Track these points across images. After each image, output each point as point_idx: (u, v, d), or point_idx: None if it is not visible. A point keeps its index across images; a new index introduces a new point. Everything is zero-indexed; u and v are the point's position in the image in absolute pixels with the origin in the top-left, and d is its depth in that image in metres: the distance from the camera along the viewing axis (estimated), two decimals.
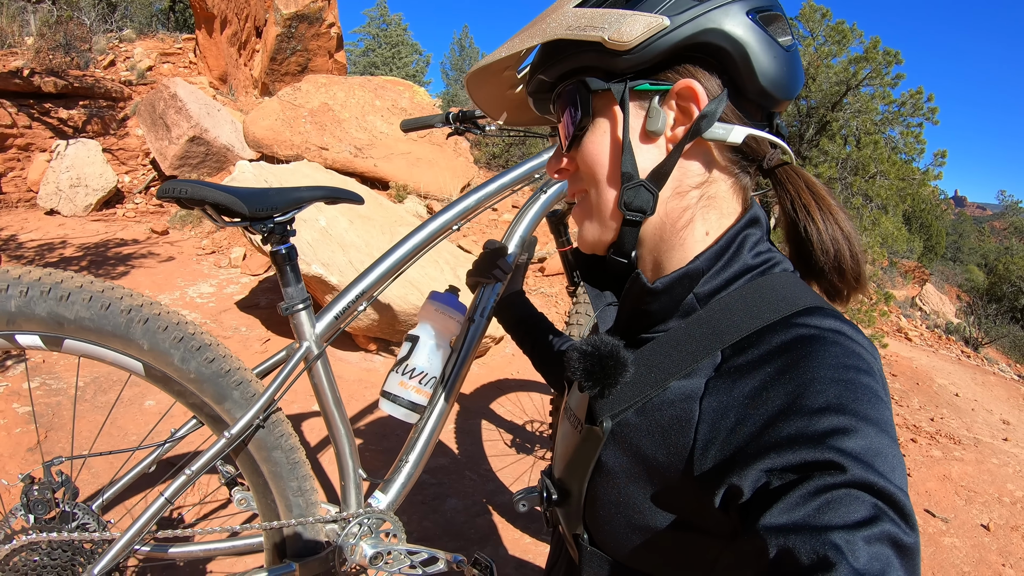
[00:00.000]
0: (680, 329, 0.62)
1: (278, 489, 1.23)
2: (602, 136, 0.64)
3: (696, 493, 0.54)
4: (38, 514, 1.10)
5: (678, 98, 0.61)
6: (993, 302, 13.40)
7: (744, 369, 0.55)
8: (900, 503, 0.42)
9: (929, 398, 5.26)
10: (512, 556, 2.15)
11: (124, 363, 1.04)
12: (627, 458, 0.62)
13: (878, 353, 0.56)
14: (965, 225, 36.00)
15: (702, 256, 0.62)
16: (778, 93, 0.63)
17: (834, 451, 0.44)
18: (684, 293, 0.62)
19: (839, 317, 0.56)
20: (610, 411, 0.64)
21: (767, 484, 0.46)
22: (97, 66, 7.44)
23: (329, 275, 3.08)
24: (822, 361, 0.51)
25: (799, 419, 0.48)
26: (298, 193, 1.18)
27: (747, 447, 0.50)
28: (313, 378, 1.27)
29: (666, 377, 0.60)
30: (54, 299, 0.95)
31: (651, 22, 0.58)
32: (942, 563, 2.67)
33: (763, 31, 0.61)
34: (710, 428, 0.54)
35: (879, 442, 0.46)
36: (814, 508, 0.42)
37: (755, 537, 0.43)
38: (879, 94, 6.65)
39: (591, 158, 0.65)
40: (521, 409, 3.13)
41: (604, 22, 0.59)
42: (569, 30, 0.61)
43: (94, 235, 5.07)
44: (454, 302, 1.41)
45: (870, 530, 0.40)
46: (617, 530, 0.64)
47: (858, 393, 0.48)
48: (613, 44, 0.59)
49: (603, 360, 0.61)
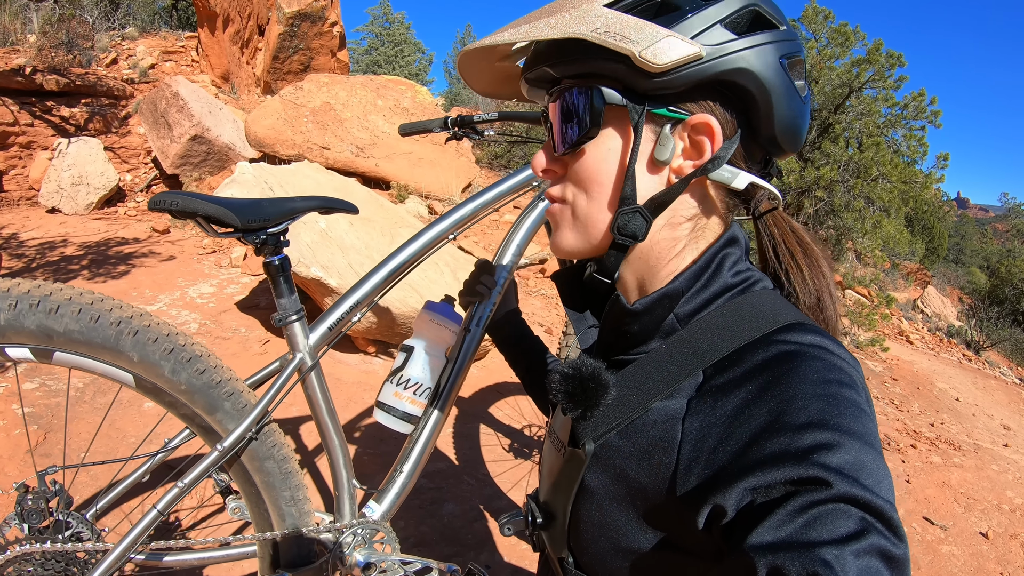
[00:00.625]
0: (661, 350, 0.62)
1: (271, 499, 1.23)
2: (607, 153, 0.62)
3: (680, 514, 0.54)
4: (32, 523, 1.10)
5: (691, 130, 0.60)
6: (995, 305, 13.37)
7: (726, 388, 0.55)
8: (887, 515, 0.42)
9: (930, 403, 5.25)
10: (509, 563, 2.14)
11: (114, 375, 1.03)
12: (610, 480, 0.62)
13: (860, 366, 0.56)
14: (967, 227, 35.92)
15: (681, 276, 0.62)
16: (787, 145, 0.63)
17: (819, 467, 0.44)
18: (664, 314, 0.62)
19: (820, 332, 0.57)
20: (593, 433, 0.64)
21: (752, 502, 0.46)
22: (99, 64, 7.44)
23: (328, 278, 3.07)
24: (804, 377, 0.51)
25: (782, 436, 0.48)
26: (291, 204, 1.17)
27: (730, 466, 0.50)
28: (307, 389, 1.27)
29: (648, 398, 0.60)
30: (43, 312, 0.95)
31: (687, 50, 0.55)
32: (940, 571, 2.67)
33: (788, 79, 0.60)
34: (693, 448, 0.54)
35: (864, 456, 0.46)
36: (801, 524, 0.42)
37: (743, 556, 0.43)
38: (882, 96, 6.63)
39: (590, 173, 0.63)
40: (519, 413, 3.13)
41: (638, 35, 0.56)
42: (596, 33, 0.56)
43: (95, 233, 5.07)
44: (450, 312, 1.41)
45: (859, 544, 0.40)
46: (601, 552, 0.64)
47: (841, 407, 0.48)
48: (643, 63, 0.56)
49: (585, 383, 0.61)
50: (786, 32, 0.61)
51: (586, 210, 0.64)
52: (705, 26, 0.57)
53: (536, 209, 1.49)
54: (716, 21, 0.57)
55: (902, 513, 3.08)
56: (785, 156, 0.65)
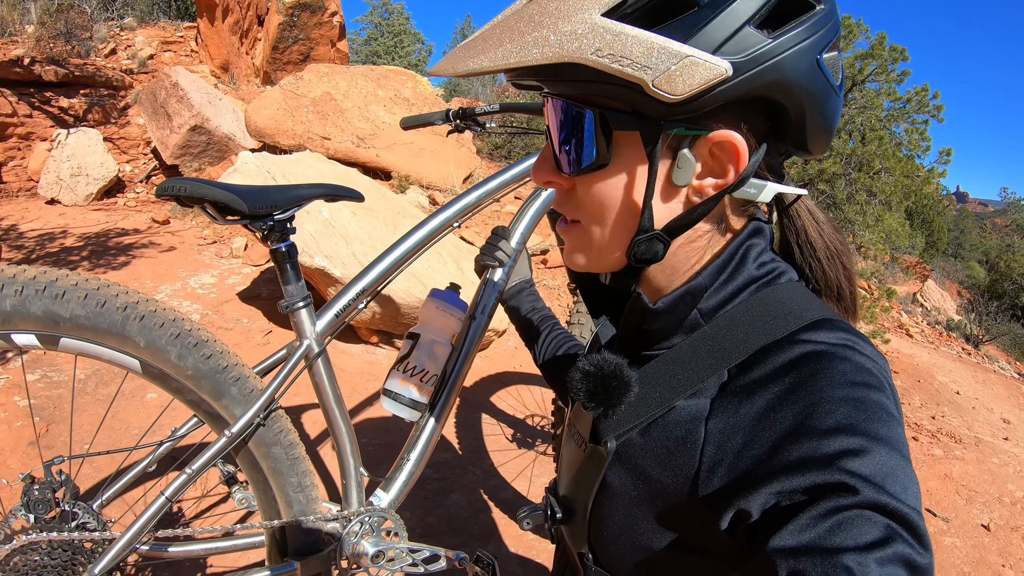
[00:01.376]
0: (685, 346, 0.60)
1: (278, 485, 1.22)
2: (618, 181, 0.55)
3: (701, 515, 0.53)
4: (38, 514, 1.10)
5: (713, 147, 0.53)
6: (994, 299, 13.37)
7: (750, 389, 0.53)
8: (913, 524, 0.41)
9: (930, 396, 5.25)
10: (515, 553, 2.14)
11: (121, 361, 1.02)
12: (632, 479, 0.61)
13: (888, 364, 0.54)
14: (967, 222, 35.90)
15: (704, 272, 0.59)
16: (816, 148, 0.57)
17: (845, 473, 0.43)
18: (687, 311, 0.60)
19: (847, 329, 0.54)
20: (614, 431, 0.62)
21: (776, 505, 0.45)
22: (98, 55, 7.39)
23: (332, 267, 3.06)
24: (830, 379, 0.49)
25: (808, 441, 0.46)
26: (298, 191, 1.16)
27: (755, 470, 0.49)
28: (314, 376, 1.26)
29: (671, 397, 0.58)
30: (49, 297, 0.94)
31: (711, 73, 0.47)
32: (942, 563, 2.67)
33: (826, 79, 0.53)
34: (716, 450, 0.53)
35: (891, 462, 0.44)
36: (825, 530, 0.41)
37: (764, 559, 0.42)
38: (885, 90, 6.61)
39: (601, 200, 0.57)
40: (522, 403, 3.13)
41: (648, 60, 0.47)
42: (597, 55, 0.47)
43: (95, 225, 5.05)
44: (455, 300, 1.40)
45: (883, 552, 0.39)
46: (622, 551, 0.63)
47: (868, 412, 0.47)
48: (657, 94, 0.48)
49: (606, 380, 0.59)
50: (824, 12, 0.52)
51: (599, 238, 0.59)
52: (731, 32, 0.48)
53: (540, 198, 1.48)
54: (744, 21, 0.48)
55: None
56: (812, 157, 0.60)
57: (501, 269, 1.40)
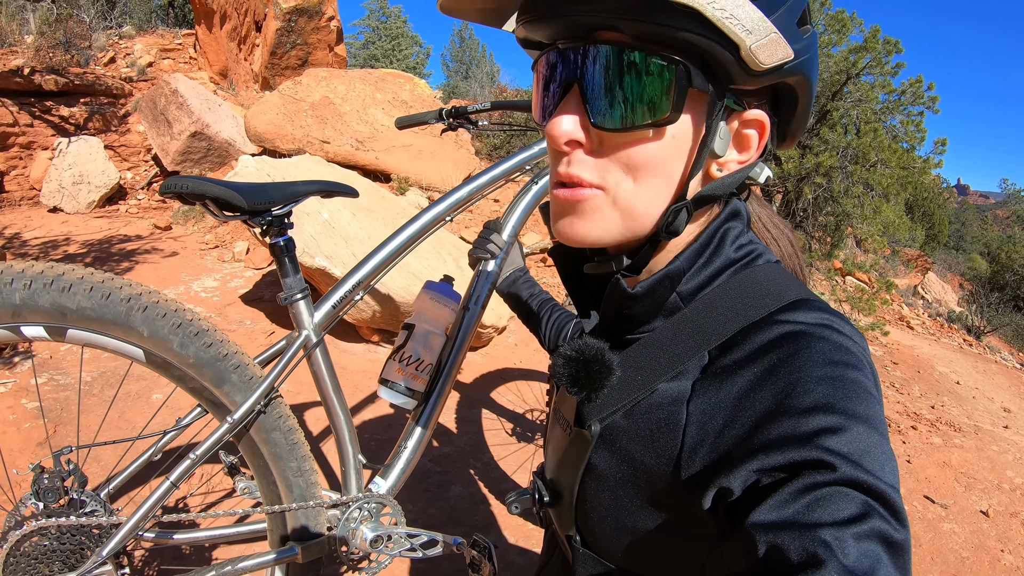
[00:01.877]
0: (665, 329, 0.61)
1: (278, 470, 1.26)
2: (672, 140, 0.54)
3: (685, 496, 0.54)
4: (48, 502, 1.14)
5: (743, 125, 0.57)
6: (995, 291, 13.35)
7: (730, 369, 0.54)
8: (890, 500, 0.42)
9: (930, 386, 5.27)
10: (514, 544, 2.18)
11: (126, 350, 1.06)
12: (616, 461, 0.62)
13: (867, 344, 0.55)
14: (968, 214, 35.84)
15: (682, 255, 0.59)
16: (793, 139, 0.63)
17: (823, 450, 0.44)
18: (666, 294, 0.60)
19: (825, 309, 0.56)
20: (598, 415, 0.63)
21: (756, 483, 0.46)
22: (97, 63, 7.46)
23: (333, 267, 3.10)
24: (809, 358, 0.50)
25: (787, 420, 0.47)
26: (295, 187, 1.20)
27: (736, 449, 0.50)
28: (312, 365, 1.30)
29: (653, 379, 0.59)
30: (56, 290, 0.98)
31: (785, 52, 0.51)
32: (941, 549, 2.70)
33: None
34: (698, 431, 0.54)
35: (868, 439, 0.45)
36: (803, 505, 0.42)
37: (744, 534, 0.43)
38: (879, 83, 6.62)
39: (649, 160, 0.55)
40: (522, 399, 3.16)
41: (753, 24, 0.49)
42: (713, 7, 0.47)
43: (98, 232, 5.10)
44: (449, 291, 1.44)
45: (860, 527, 0.40)
46: (608, 532, 0.64)
47: (846, 390, 0.48)
48: (749, 59, 0.51)
49: (588, 365, 0.60)
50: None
51: (633, 200, 0.56)
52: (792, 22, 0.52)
53: (531, 191, 1.52)
54: (797, 17, 0.53)
55: (903, 492, 3.11)
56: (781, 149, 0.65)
57: (494, 261, 1.44)
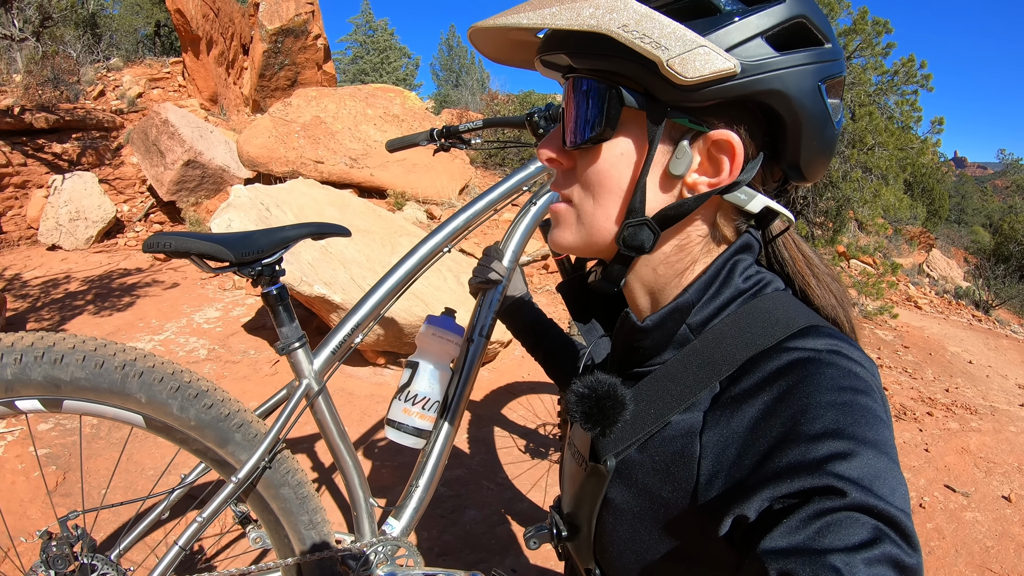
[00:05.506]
0: (676, 362, 0.61)
1: (289, 524, 1.24)
2: (619, 158, 0.59)
3: (702, 527, 0.54)
4: (58, 570, 1.11)
5: (712, 145, 0.57)
6: (1001, 262, 13.24)
7: (741, 398, 0.54)
8: (901, 524, 0.42)
9: (943, 368, 5.23)
10: (533, 565, 2.15)
11: (124, 417, 1.04)
12: (633, 495, 0.62)
13: (877, 369, 0.55)
14: (967, 186, 35.68)
15: (691, 288, 0.60)
16: (810, 174, 0.60)
17: (833, 476, 0.44)
18: (676, 327, 0.61)
19: (834, 335, 0.55)
20: (613, 449, 0.63)
21: (769, 509, 0.46)
22: (87, 97, 7.47)
23: (332, 294, 3.08)
24: (818, 385, 0.50)
25: (798, 447, 0.47)
26: (283, 233, 1.18)
27: (749, 478, 0.50)
28: (316, 414, 1.27)
29: (665, 412, 0.60)
30: (48, 362, 0.96)
31: (721, 65, 0.51)
32: (965, 539, 2.66)
33: (824, 105, 0.56)
34: (713, 462, 0.54)
35: (878, 464, 0.45)
36: (814, 531, 0.42)
37: (755, 561, 0.43)
38: (871, 65, 6.58)
39: (599, 177, 0.60)
40: (533, 413, 3.13)
41: (669, 40, 0.51)
42: (624, 30, 0.51)
43: (97, 267, 5.10)
44: (451, 324, 1.41)
45: (870, 552, 0.40)
46: (627, 565, 0.64)
47: (856, 416, 0.48)
48: (669, 73, 0.52)
49: (601, 401, 0.60)
50: (831, 50, 0.57)
51: (591, 216, 0.61)
52: (745, 37, 0.53)
53: (529, 213, 1.49)
54: (758, 33, 0.53)
55: (923, 483, 3.07)
56: (805, 184, 0.63)
57: (496, 289, 1.41)
